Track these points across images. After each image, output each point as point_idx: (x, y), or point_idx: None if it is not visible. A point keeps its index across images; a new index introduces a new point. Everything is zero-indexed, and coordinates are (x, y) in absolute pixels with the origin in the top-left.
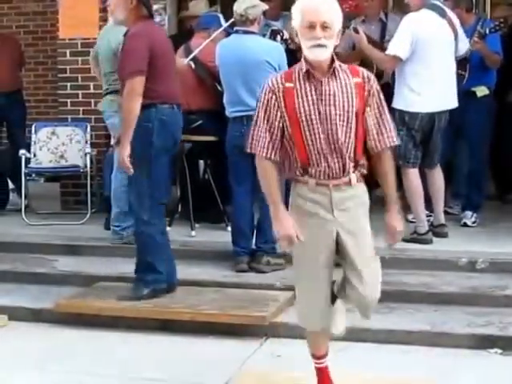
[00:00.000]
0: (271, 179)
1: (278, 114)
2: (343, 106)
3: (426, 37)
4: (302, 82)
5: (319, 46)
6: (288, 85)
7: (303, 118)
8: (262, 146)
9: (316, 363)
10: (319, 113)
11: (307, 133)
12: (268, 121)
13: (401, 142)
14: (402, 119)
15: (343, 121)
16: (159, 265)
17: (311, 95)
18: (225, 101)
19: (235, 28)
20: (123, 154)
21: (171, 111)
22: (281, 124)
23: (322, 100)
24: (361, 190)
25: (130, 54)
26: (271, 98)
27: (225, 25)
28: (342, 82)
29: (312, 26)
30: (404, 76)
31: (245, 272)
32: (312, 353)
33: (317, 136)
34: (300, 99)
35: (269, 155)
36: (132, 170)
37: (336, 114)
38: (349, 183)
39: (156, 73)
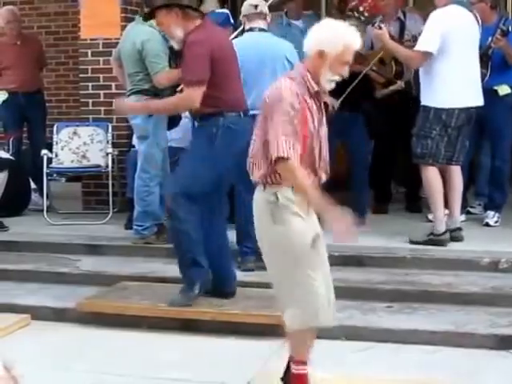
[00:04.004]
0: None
1: (298, 116)
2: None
3: (455, 32)
4: (306, 96)
5: (335, 81)
6: (302, 93)
7: (311, 130)
8: (295, 151)
9: (302, 370)
10: (318, 130)
11: (308, 142)
12: (292, 123)
13: (431, 141)
14: (437, 117)
15: (326, 139)
16: (200, 259)
17: (315, 111)
18: None
19: (249, 26)
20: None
21: (238, 119)
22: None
23: (320, 119)
24: None
25: (191, 64)
26: (295, 100)
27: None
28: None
29: (346, 64)
30: (435, 73)
31: (252, 271)
32: (302, 359)
33: (314, 146)
34: (309, 112)
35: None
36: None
37: (324, 134)
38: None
39: (219, 79)
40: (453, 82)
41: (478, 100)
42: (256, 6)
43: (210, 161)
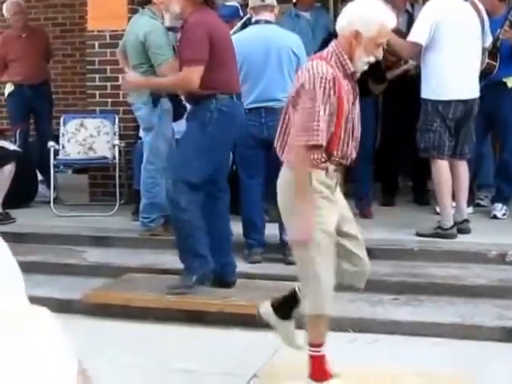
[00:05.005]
0: None
1: (333, 101)
2: (354, 109)
3: (448, 23)
4: (341, 77)
5: (370, 62)
6: (337, 74)
7: (346, 109)
8: (322, 138)
9: (318, 351)
10: (352, 110)
11: (343, 123)
12: (325, 110)
13: (434, 134)
14: (435, 109)
15: (359, 119)
16: (202, 249)
17: (349, 91)
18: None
19: (255, 18)
20: (137, 79)
21: (231, 101)
22: (331, 112)
23: (352, 97)
24: None
25: (192, 43)
26: (328, 86)
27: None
28: (355, 89)
29: (381, 45)
30: (429, 65)
31: (259, 263)
32: (318, 341)
33: (348, 126)
34: (344, 92)
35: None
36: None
37: (357, 113)
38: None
39: (215, 62)
40: (447, 74)
41: (475, 92)
42: (263, 0)
43: (206, 147)
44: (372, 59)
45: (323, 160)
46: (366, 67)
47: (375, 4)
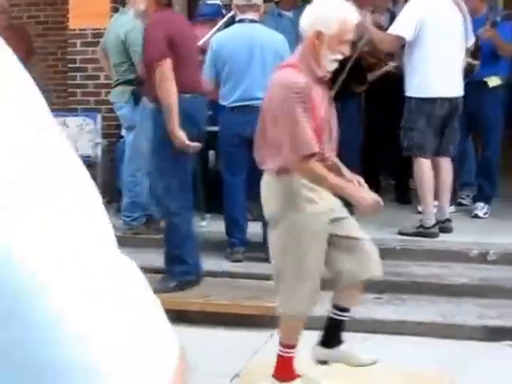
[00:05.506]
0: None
1: (309, 107)
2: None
3: (432, 20)
4: (312, 82)
5: (338, 60)
6: (308, 80)
7: (320, 115)
8: (315, 145)
9: (287, 352)
10: (326, 114)
11: (318, 128)
12: (306, 118)
13: (417, 132)
14: (419, 107)
15: (335, 120)
16: (187, 256)
17: (322, 94)
18: (224, 91)
19: (239, 17)
20: (180, 137)
21: (194, 100)
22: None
23: (326, 100)
24: None
25: (151, 43)
26: (303, 95)
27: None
28: (327, 91)
29: (346, 43)
30: (414, 62)
31: (240, 262)
32: (291, 343)
33: (325, 129)
34: (317, 97)
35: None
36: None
37: (332, 116)
38: None
39: (177, 61)
40: (432, 72)
41: (460, 90)
42: (250, 0)
43: (167, 150)
44: (339, 57)
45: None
46: (335, 65)
47: (335, 2)
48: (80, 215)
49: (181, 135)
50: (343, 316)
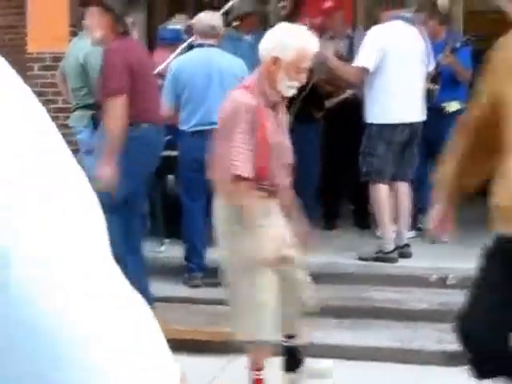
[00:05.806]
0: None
1: (257, 130)
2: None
3: (393, 47)
4: (264, 105)
5: (295, 87)
6: (260, 103)
7: (271, 140)
8: (245, 169)
9: (259, 375)
10: (279, 139)
11: (269, 152)
12: (247, 140)
13: (376, 158)
14: (379, 133)
15: (289, 147)
16: (139, 284)
17: (274, 118)
18: (183, 115)
19: (199, 42)
20: (106, 173)
21: (150, 129)
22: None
23: (279, 125)
24: None
25: (109, 73)
26: (251, 116)
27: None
28: (282, 116)
29: (303, 70)
30: (374, 89)
31: (199, 287)
32: (259, 366)
33: (277, 154)
34: (267, 121)
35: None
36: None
37: (285, 142)
38: None
39: (135, 89)
40: (392, 98)
41: (420, 115)
42: (214, 27)
43: (121, 173)
44: (296, 84)
45: (252, 188)
46: (292, 92)
47: (294, 29)
48: (80, 215)
49: (107, 170)
50: (291, 342)
